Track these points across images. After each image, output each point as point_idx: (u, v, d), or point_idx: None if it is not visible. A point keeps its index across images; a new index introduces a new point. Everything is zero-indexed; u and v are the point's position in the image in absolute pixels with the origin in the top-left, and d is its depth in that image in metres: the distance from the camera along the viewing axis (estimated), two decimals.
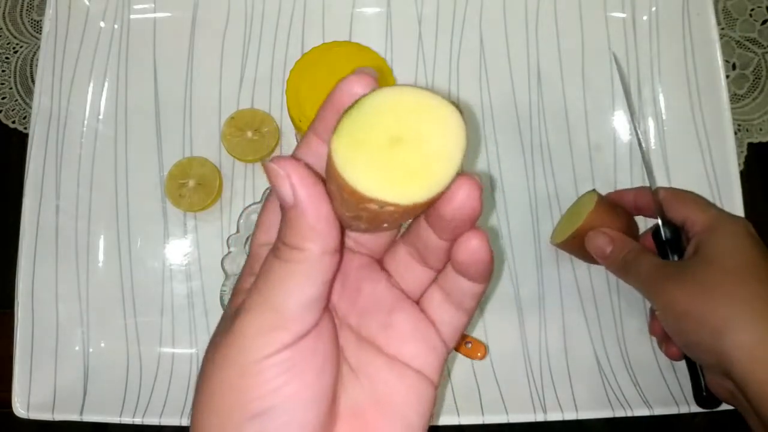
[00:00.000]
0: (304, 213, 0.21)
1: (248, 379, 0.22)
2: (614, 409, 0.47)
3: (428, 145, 0.21)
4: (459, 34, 0.55)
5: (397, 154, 0.21)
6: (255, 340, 0.22)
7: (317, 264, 0.22)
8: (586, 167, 0.52)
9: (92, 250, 0.51)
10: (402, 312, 0.25)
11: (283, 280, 0.22)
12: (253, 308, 0.22)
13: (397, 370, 0.25)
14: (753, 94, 0.58)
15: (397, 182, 0.21)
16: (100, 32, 0.54)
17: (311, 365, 0.23)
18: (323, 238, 0.22)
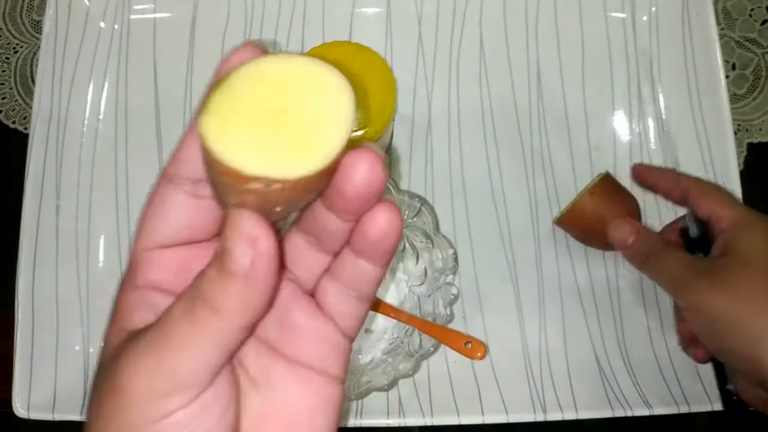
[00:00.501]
0: (252, 289, 0.18)
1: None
2: (614, 409, 0.47)
3: (312, 115, 0.19)
4: (459, 34, 0.55)
5: (278, 126, 0.19)
6: (147, 404, 0.19)
7: (233, 336, 0.19)
8: (586, 167, 0.52)
9: (92, 250, 0.51)
10: (299, 310, 0.22)
11: (186, 344, 0.19)
12: (144, 367, 0.19)
13: (299, 374, 0.22)
14: (753, 94, 0.58)
15: (280, 155, 0.18)
16: (100, 32, 0.54)
17: (211, 414, 0.20)
18: (257, 313, 0.19)
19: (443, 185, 0.52)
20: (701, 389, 0.48)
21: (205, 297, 0.19)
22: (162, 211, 0.21)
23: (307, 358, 0.22)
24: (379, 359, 0.46)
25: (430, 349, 0.44)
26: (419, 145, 0.53)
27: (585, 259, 0.51)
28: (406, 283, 0.48)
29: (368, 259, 0.22)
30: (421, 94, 0.54)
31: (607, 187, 0.48)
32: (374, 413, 0.47)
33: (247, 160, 0.18)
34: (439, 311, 0.45)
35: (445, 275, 0.45)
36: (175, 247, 0.22)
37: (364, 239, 0.21)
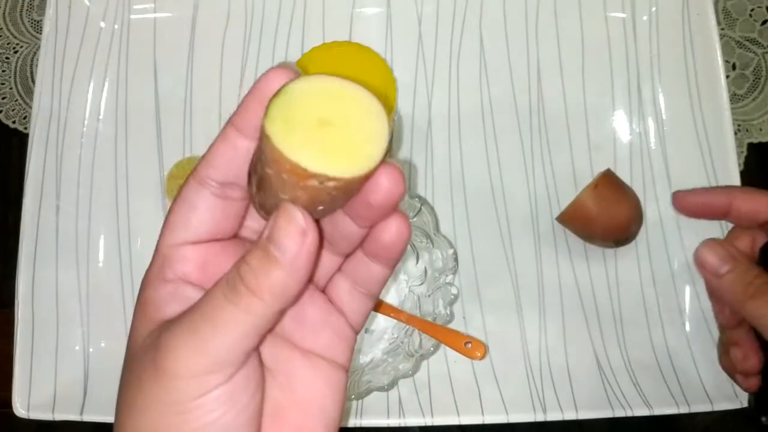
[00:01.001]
0: (294, 277, 0.20)
1: (180, 416, 0.21)
2: (614, 409, 0.47)
3: (356, 127, 0.22)
4: (459, 34, 0.55)
5: (329, 134, 0.21)
6: (187, 381, 0.21)
7: (267, 318, 0.21)
8: (586, 167, 0.52)
9: (92, 250, 0.51)
10: (312, 305, 0.25)
11: (227, 327, 0.21)
12: (186, 348, 0.21)
13: (312, 363, 0.25)
14: (753, 94, 0.58)
15: (335, 158, 0.21)
16: (100, 32, 0.54)
17: (245, 392, 0.22)
18: (289, 299, 0.21)
19: (443, 185, 0.52)
20: (701, 389, 0.48)
21: (249, 282, 0.20)
22: (191, 209, 0.23)
23: (319, 348, 0.25)
24: (379, 359, 0.46)
25: (430, 349, 0.44)
26: (419, 145, 0.53)
27: (585, 259, 0.51)
28: (406, 283, 0.48)
29: (379, 262, 0.25)
30: (421, 94, 0.54)
31: (609, 183, 0.48)
32: (374, 413, 0.47)
33: (310, 159, 0.20)
34: (439, 311, 0.45)
35: (445, 275, 0.45)
36: (199, 244, 0.23)
37: (377, 244, 0.24)
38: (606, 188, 0.47)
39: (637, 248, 0.51)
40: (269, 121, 0.21)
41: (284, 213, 0.20)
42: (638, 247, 0.51)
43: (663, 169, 0.53)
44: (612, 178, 0.48)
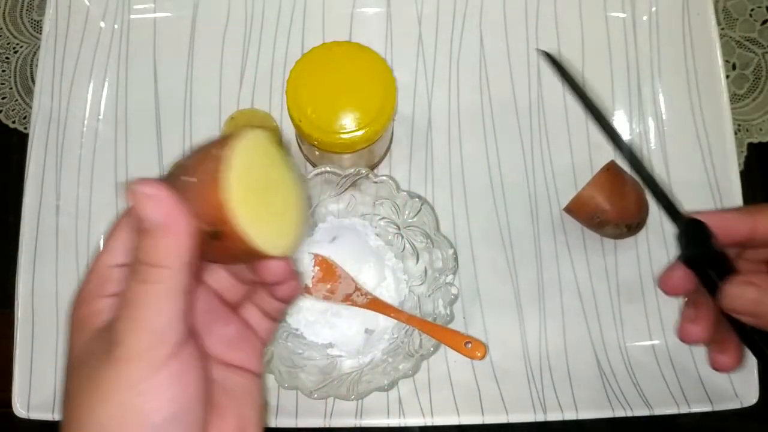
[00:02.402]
0: (170, 232, 0.23)
1: (138, 397, 0.23)
2: (614, 409, 0.47)
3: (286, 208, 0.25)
4: (459, 34, 0.55)
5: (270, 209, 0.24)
6: (140, 363, 0.23)
7: (179, 279, 0.23)
8: (586, 167, 0.52)
9: (92, 250, 0.51)
10: (233, 325, 0.29)
11: (150, 302, 0.23)
12: (125, 335, 0.23)
13: (235, 372, 0.29)
14: (753, 94, 0.58)
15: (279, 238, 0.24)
16: (100, 32, 0.54)
17: (196, 371, 0.25)
18: (185, 255, 0.23)
19: (443, 185, 0.52)
20: (701, 389, 0.48)
21: (142, 260, 0.23)
22: (125, 234, 0.26)
23: (241, 360, 0.29)
24: (379, 359, 0.46)
25: (430, 349, 0.44)
26: (419, 145, 0.53)
27: (585, 259, 0.51)
28: (406, 283, 0.48)
29: (283, 302, 0.30)
30: (421, 94, 0.54)
31: (617, 170, 0.48)
32: (374, 413, 0.47)
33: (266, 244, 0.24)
34: (439, 311, 0.45)
35: (445, 275, 0.45)
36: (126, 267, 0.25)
37: (276, 296, 0.29)
38: (614, 175, 0.48)
39: (637, 248, 0.51)
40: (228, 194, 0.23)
41: (134, 195, 0.23)
42: (638, 247, 0.51)
43: (663, 169, 0.53)
44: (618, 168, 0.49)
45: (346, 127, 0.42)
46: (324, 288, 0.46)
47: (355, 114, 0.42)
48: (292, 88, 0.42)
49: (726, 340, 0.34)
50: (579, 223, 0.51)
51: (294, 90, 0.42)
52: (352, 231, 0.49)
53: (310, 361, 0.46)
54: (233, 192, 0.22)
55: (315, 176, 0.45)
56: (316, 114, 0.42)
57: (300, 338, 0.47)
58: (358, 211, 0.49)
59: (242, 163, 0.23)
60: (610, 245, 0.51)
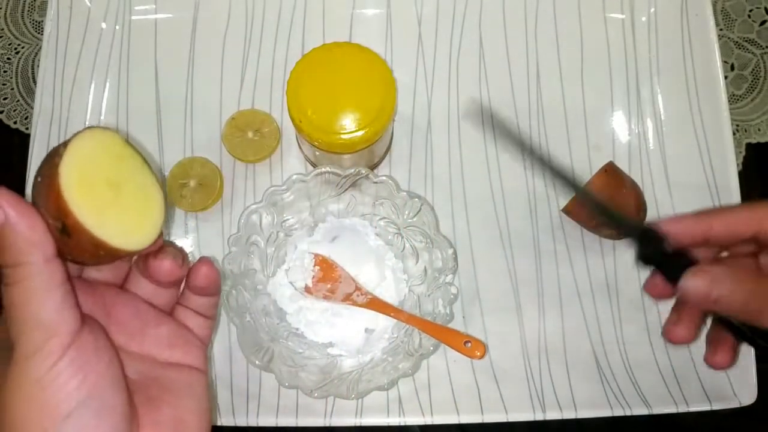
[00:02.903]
0: (17, 227, 0.24)
1: (43, 392, 0.24)
2: (613, 409, 0.47)
3: (140, 201, 0.26)
4: (459, 35, 0.55)
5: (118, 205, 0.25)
6: (36, 357, 0.24)
7: (46, 270, 0.24)
8: (586, 167, 0.52)
9: None
10: (166, 326, 0.31)
11: (26, 299, 0.24)
12: (19, 336, 0.24)
13: (174, 369, 0.30)
14: (751, 94, 0.58)
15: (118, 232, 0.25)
16: (101, 33, 0.54)
17: (98, 357, 0.26)
18: (42, 246, 0.24)
19: (443, 185, 0.52)
20: (700, 388, 0.48)
21: (5, 264, 0.24)
22: None
23: (176, 358, 0.31)
24: (379, 358, 0.46)
25: (430, 348, 0.44)
26: (419, 145, 0.53)
27: (584, 258, 0.51)
28: (406, 282, 0.48)
29: (203, 295, 0.32)
30: (421, 94, 0.54)
31: (615, 172, 0.49)
32: (374, 412, 0.47)
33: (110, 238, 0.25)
34: (438, 311, 0.45)
35: (444, 275, 0.45)
36: None
37: (194, 286, 0.31)
38: (612, 176, 0.48)
39: None
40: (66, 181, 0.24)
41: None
42: None
43: (662, 169, 0.53)
44: (616, 169, 0.49)
45: (346, 128, 0.42)
46: (324, 288, 0.46)
47: (355, 114, 0.42)
48: (292, 89, 0.43)
49: (720, 340, 0.36)
50: (577, 224, 0.51)
51: (294, 90, 0.42)
52: (352, 231, 0.49)
53: (310, 360, 0.46)
54: (71, 184, 0.24)
55: (315, 176, 0.45)
56: (317, 114, 0.42)
57: (300, 338, 0.47)
58: (358, 211, 0.49)
59: (80, 158, 0.24)
60: (608, 246, 0.51)
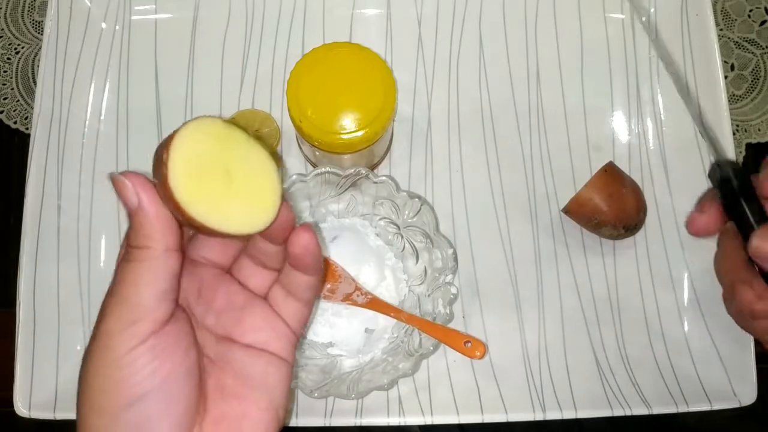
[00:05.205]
0: (147, 214, 0.25)
1: (122, 370, 0.25)
2: (613, 408, 0.47)
3: (253, 182, 0.26)
4: (459, 35, 0.55)
5: (231, 191, 0.25)
6: (119, 336, 0.25)
7: (162, 259, 0.26)
8: (585, 168, 0.52)
9: (93, 250, 0.51)
10: (253, 308, 0.30)
11: (134, 278, 0.25)
12: (111, 309, 0.26)
13: (253, 354, 0.29)
14: (751, 94, 0.58)
15: (236, 218, 0.25)
16: (101, 33, 0.54)
17: (177, 347, 0.26)
18: (164, 236, 0.26)
19: (443, 185, 0.52)
20: (700, 388, 0.48)
21: (129, 242, 0.26)
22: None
23: (260, 343, 0.29)
24: (379, 358, 0.46)
25: (430, 348, 0.44)
26: (419, 145, 0.53)
27: (584, 258, 0.51)
28: (406, 282, 0.48)
29: (300, 269, 0.29)
30: (421, 94, 0.54)
31: (615, 171, 0.49)
32: (374, 412, 0.47)
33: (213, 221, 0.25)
34: (438, 311, 0.45)
35: (444, 275, 0.45)
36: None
37: (291, 254, 0.29)
38: (612, 176, 0.48)
39: (636, 248, 0.52)
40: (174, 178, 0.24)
41: (116, 183, 0.25)
42: (637, 246, 0.52)
43: (661, 170, 0.53)
44: (616, 169, 0.49)
45: (346, 128, 0.42)
46: (324, 288, 0.46)
47: (355, 114, 0.42)
48: (292, 89, 0.43)
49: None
50: (577, 224, 0.51)
51: (294, 90, 0.42)
52: (352, 231, 0.49)
53: (310, 360, 0.46)
54: (179, 183, 0.24)
55: (315, 176, 0.45)
56: (317, 114, 0.42)
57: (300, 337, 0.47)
58: (358, 211, 0.49)
59: (186, 160, 0.24)
60: (608, 246, 0.51)
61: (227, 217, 0.25)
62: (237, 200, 0.25)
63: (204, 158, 0.25)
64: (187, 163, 0.24)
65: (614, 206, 0.47)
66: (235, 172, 0.26)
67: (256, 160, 0.26)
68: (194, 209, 0.24)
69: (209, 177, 0.25)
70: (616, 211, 0.47)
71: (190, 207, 0.24)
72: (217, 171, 0.25)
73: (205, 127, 0.25)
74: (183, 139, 0.25)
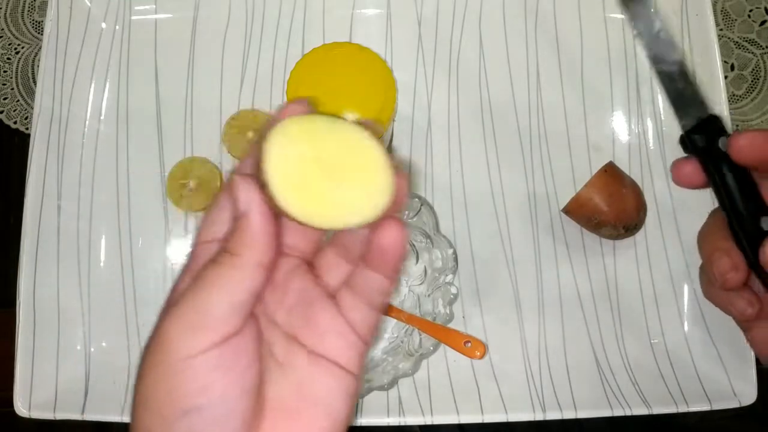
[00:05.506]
0: (253, 223, 0.24)
1: (176, 377, 0.23)
2: (613, 409, 0.47)
3: (359, 175, 0.24)
4: (459, 35, 0.55)
5: (335, 187, 0.24)
6: (180, 339, 0.23)
7: (249, 272, 0.24)
8: (586, 168, 0.52)
9: (93, 250, 0.51)
10: (323, 310, 0.27)
11: (214, 283, 0.24)
12: (179, 309, 0.24)
13: (319, 364, 0.26)
14: (751, 94, 0.58)
15: (338, 214, 0.24)
16: (101, 33, 0.54)
17: (237, 363, 0.24)
18: (261, 250, 0.24)
19: (443, 185, 0.52)
20: (700, 388, 0.48)
21: (225, 245, 0.24)
22: (223, 211, 0.26)
23: (325, 351, 0.26)
24: (379, 358, 0.46)
25: (430, 348, 0.44)
26: (419, 145, 0.53)
27: (584, 258, 0.51)
28: (406, 282, 0.48)
29: (376, 269, 0.26)
30: (421, 94, 0.54)
31: (615, 172, 0.49)
32: (374, 412, 0.47)
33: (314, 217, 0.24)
34: (438, 311, 0.45)
35: (444, 275, 0.45)
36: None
37: (372, 249, 0.25)
38: (612, 176, 0.48)
39: (636, 248, 0.52)
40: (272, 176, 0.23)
41: (235, 183, 0.24)
42: (637, 247, 0.52)
43: (662, 169, 0.53)
44: (616, 169, 0.49)
45: None
46: None
47: (355, 114, 0.42)
48: (292, 89, 0.43)
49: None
50: (577, 224, 0.51)
51: (294, 90, 0.42)
52: None
53: None
54: (280, 189, 0.23)
55: None
56: None
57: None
58: None
59: (282, 160, 0.23)
60: (608, 246, 0.51)
61: (342, 211, 0.24)
62: (347, 191, 0.24)
63: (300, 157, 0.24)
64: (283, 167, 0.24)
65: (614, 206, 0.47)
66: (337, 163, 0.24)
67: (355, 144, 0.25)
68: (302, 215, 0.24)
69: (310, 174, 0.24)
70: (616, 211, 0.47)
71: (294, 211, 0.23)
72: (319, 168, 0.24)
73: (297, 125, 0.24)
74: (275, 150, 0.24)
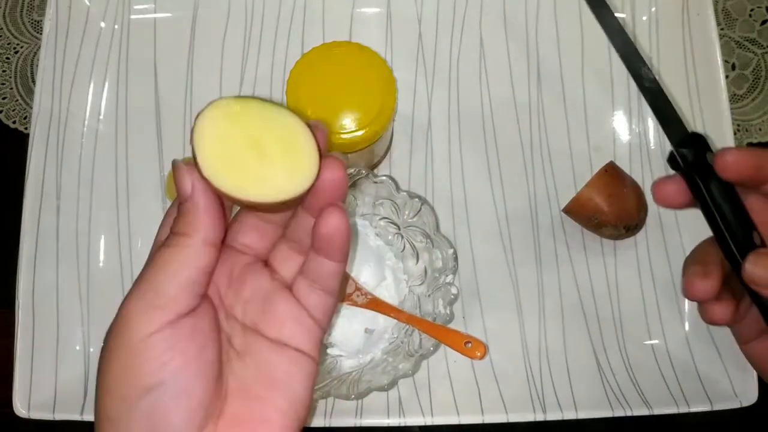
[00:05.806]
0: (197, 204, 0.26)
1: (135, 357, 0.25)
2: (614, 409, 0.47)
3: (287, 148, 0.25)
4: (459, 35, 0.55)
5: (264, 164, 0.25)
6: (137, 320, 0.25)
7: (198, 251, 0.26)
8: (586, 168, 0.52)
9: (93, 251, 0.51)
10: (279, 300, 0.28)
11: (165, 264, 0.26)
12: (135, 291, 0.26)
13: (278, 349, 0.28)
14: (752, 94, 0.58)
15: (265, 190, 0.25)
16: (100, 32, 0.54)
17: (193, 342, 0.26)
18: (207, 228, 0.26)
19: (443, 185, 0.52)
20: (700, 389, 0.48)
21: (173, 228, 0.26)
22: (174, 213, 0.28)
23: (284, 337, 0.28)
24: (379, 359, 0.46)
25: (430, 348, 0.44)
26: (419, 145, 0.53)
27: (585, 258, 0.51)
28: (406, 283, 0.48)
29: (325, 255, 0.27)
30: (421, 94, 0.54)
31: (616, 171, 0.49)
32: (374, 413, 0.47)
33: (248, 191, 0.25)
34: (439, 311, 0.45)
35: (445, 275, 0.45)
36: None
37: (318, 234, 0.26)
38: (613, 176, 0.48)
39: (637, 248, 0.51)
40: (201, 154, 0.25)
41: (176, 172, 0.26)
42: (637, 247, 0.51)
43: (662, 170, 0.53)
44: (617, 169, 0.49)
45: (346, 128, 0.42)
46: None
47: (355, 114, 0.42)
48: (292, 89, 0.42)
49: (722, 294, 0.35)
50: (578, 224, 0.51)
51: (294, 90, 0.42)
52: (352, 231, 0.49)
53: None
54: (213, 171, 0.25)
55: None
56: (316, 114, 0.42)
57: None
58: (358, 211, 0.49)
59: (211, 139, 0.25)
60: (609, 246, 0.51)
61: (266, 185, 0.25)
62: (273, 168, 0.25)
63: (229, 136, 0.25)
64: (212, 143, 0.25)
65: (615, 206, 0.47)
66: (265, 142, 0.25)
67: (285, 125, 0.26)
68: (226, 186, 0.25)
69: (238, 152, 0.25)
70: (617, 211, 0.47)
71: (223, 183, 0.25)
72: (246, 144, 0.25)
73: (223, 107, 0.26)
74: (204, 121, 0.25)
